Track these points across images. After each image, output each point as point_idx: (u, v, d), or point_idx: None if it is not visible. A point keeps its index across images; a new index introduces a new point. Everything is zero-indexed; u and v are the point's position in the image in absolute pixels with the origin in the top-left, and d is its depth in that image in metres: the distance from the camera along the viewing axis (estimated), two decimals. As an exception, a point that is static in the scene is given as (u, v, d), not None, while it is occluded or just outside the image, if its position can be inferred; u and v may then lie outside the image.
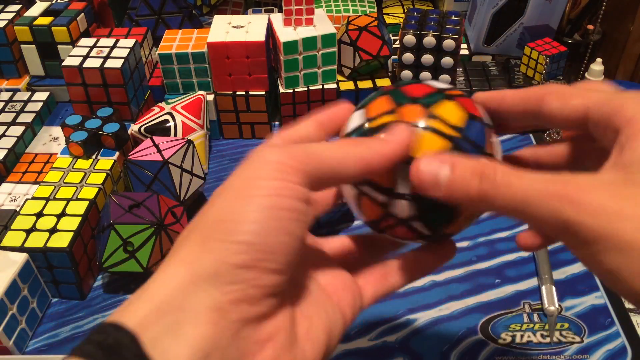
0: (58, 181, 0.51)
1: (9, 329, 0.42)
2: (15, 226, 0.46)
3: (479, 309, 0.46)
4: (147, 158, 0.50)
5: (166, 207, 0.48)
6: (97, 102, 0.60)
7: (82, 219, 0.47)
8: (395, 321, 0.46)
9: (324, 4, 0.80)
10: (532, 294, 0.47)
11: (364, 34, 0.63)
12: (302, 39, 0.60)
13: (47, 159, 0.57)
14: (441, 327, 0.45)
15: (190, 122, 0.58)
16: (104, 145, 0.55)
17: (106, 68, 0.58)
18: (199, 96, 0.61)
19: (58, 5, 0.70)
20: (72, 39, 0.65)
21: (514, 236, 0.52)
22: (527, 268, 0.49)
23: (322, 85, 0.64)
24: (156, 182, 0.50)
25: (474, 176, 0.23)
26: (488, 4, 0.75)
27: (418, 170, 0.24)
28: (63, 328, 0.46)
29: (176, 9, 0.73)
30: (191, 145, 0.52)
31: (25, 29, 0.65)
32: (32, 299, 0.45)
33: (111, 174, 0.52)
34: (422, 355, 0.43)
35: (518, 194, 0.22)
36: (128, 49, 0.60)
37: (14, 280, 0.43)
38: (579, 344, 0.43)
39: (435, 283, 0.48)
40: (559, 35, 0.78)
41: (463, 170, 0.23)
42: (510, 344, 0.44)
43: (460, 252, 0.51)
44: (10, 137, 0.58)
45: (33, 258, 0.45)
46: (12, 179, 0.55)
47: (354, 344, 0.44)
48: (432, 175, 0.23)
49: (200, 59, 0.62)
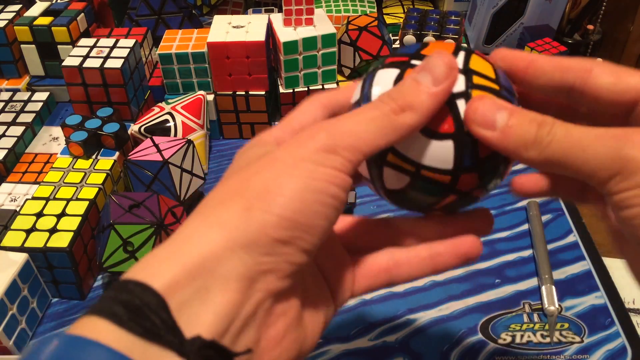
0: (58, 181, 0.51)
1: (9, 329, 0.42)
2: (15, 226, 0.46)
3: (479, 309, 0.46)
4: (147, 158, 0.50)
5: (166, 207, 0.48)
6: (97, 102, 0.60)
7: (82, 219, 0.47)
8: (395, 321, 0.46)
9: (324, 4, 0.80)
10: (532, 294, 0.47)
11: (364, 34, 0.63)
12: (302, 39, 0.60)
13: (47, 159, 0.57)
14: (441, 327, 0.45)
15: (190, 122, 0.58)
16: (104, 145, 0.55)
17: (106, 68, 0.58)
18: (199, 96, 0.61)
19: (58, 5, 0.70)
20: (72, 39, 0.65)
21: (514, 236, 0.52)
22: (527, 268, 0.49)
23: (322, 85, 0.64)
24: (156, 182, 0.50)
25: (532, 123, 0.23)
26: (488, 4, 0.75)
27: (475, 110, 0.23)
28: (63, 328, 0.46)
29: (176, 9, 0.73)
30: (191, 145, 0.52)
31: (25, 29, 0.65)
32: (32, 299, 0.45)
33: (111, 174, 0.52)
34: (422, 355, 0.43)
35: (576, 138, 0.22)
36: (128, 49, 0.60)
37: (14, 280, 0.43)
38: (579, 344, 0.43)
39: (435, 283, 0.48)
40: (559, 35, 0.78)
41: (522, 117, 0.23)
42: (510, 344, 0.44)
43: (460, 252, 0.51)
44: (10, 137, 0.58)
45: (33, 258, 0.45)
46: (12, 179, 0.55)
47: (354, 344, 0.44)
48: (489, 117, 0.23)
49: (200, 59, 0.62)
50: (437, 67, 0.23)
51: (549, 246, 0.50)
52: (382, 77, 0.25)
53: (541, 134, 0.22)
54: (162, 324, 0.19)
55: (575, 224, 0.53)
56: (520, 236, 0.53)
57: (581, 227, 0.53)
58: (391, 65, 0.26)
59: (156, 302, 0.19)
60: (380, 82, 0.25)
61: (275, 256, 0.22)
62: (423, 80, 0.23)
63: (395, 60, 0.26)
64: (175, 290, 0.20)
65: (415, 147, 0.24)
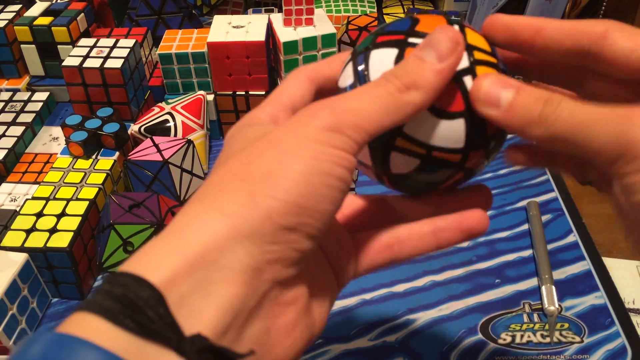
0: (58, 181, 0.51)
1: (9, 329, 0.42)
2: (15, 226, 0.46)
3: (479, 309, 0.46)
4: (147, 158, 0.50)
5: (166, 207, 0.48)
6: (97, 102, 0.60)
7: (82, 219, 0.47)
8: (395, 321, 0.46)
9: (324, 4, 0.80)
10: (532, 294, 0.47)
11: (364, 34, 0.63)
12: (302, 39, 0.60)
13: (47, 159, 0.57)
14: (441, 327, 0.45)
15: (190, 122, 0.58)
16: (104, 145, 0.55)
17: (106, 68, 0.58)
18: (199, 96, 0.61)
19: (58, 5, 0.70)
20: (72, 39, 0.65)
21: (514, 236, 0.52)
22: (527, 268, 0.49)
23: (322, 85, 0.64)
24: (156, 182, 0.50)
25: (538, 101, 0.22)
26: (488, 4, 0.75)
27: (479, 88, 0.23)
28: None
29: (176, 9, 0.73)
30: (191, 145, 0.52)
31: (25, 29, 0.65)
32: (32, 299, 0.45)
33: (111, 174, 0.52)
34: (422, 355, 0.43)
35: (582, 117, 0.21)
36: (128, 49, 0.60)
37: (14, 280, 0.43)
38: (579, 344, 0.43)
39: (435, 283, 0.48)
40: (559, 35, 0.78)
41: (527, 95, 0.22)
42: (510, 344, 0.44)
43: (460, 252, 0.51)
44: (10, 137, 0.58)
45: (33, 258, 0.45)
46: (12, 179, 0.55)
47: (354, 344, 0.44)
48: (494, 96, 0.23)
49: (200, 59, 0.62)
50: (441, 43, 0.23)
51: (549, 246, 0.50)
52: (379, 57, 0.24)
53: (546, 112, 0.22)
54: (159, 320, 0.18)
55: (575, 224, 0.53)
56: (520, 236, 0.53)
57: (581, 227, 0.53)
58: (386, 44, 0.24)
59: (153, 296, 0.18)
60: (378, 62, 0.24)
61: (281, 244, 0.20)
62: (427, 57, 0.22)
63: (390, 39, 0.25)
64: (175, 284, 0.18)
65: (426, 128, 0.24)
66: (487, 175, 0.59)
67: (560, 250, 0.51)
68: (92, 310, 0.18)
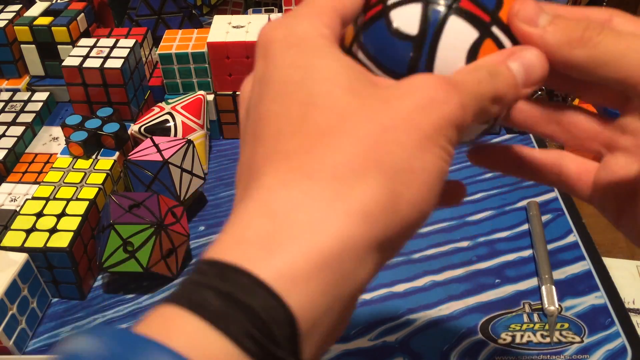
0: (58, 181, 0.51)
1: (9, 329, 0.42)
2: (15, 226, 0.46)
3: (479, 309, 0.46)
4: (147, 158, 0.50)
5: (166, 207, 0.48)
6: (97, 102, 0.60)
7: (82, 219, 0.47)
8: (395, 321, 0.46)
9: (324, 4, 0.80)
10: (532, 294, 0.47)
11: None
12: (302, 39, 0.60)
13: (47, 159, 0.57)
14: (441, 327, 0.45)
15: (190, 122, 0.58)
16: (104, 145, 0.55)
17: (106, 68, 0.58)
18: (199, 96, 0.61)
19: (58, 5, 0.70)
20: (72, 39, 0.65)
21: (514, 236, 0.52)
22: (527, 268, 0.49)
23: (322, 85, 0.64)
24: (156, 182, 0.50)
25: (579, 24, 0.21)
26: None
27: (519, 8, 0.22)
28: (63, 328, 0.46)
29: (176, 9, 0.73)
30: (191, 145, 0.52)
31: (25, 29, 0.65)
32: (32, 299, 0.45)
33: (111, 174, 0.52)
34: (422, 355, 0.43)
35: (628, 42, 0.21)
36: (128, 49, 0.60)
37: (14, 280, 0.43)
38: (579, 344, 0.43)
39: (435, 283, 0.48)
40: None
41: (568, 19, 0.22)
42: (510, 344, 0.44)
43: (460, 252, 0.51)
44: (10, 137, 0.58)
45: (33, 258, 0.45)
46: (12, 179, 0.55)
47: (354, 344, 0.44)
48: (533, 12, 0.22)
49: (200, 59, 0.62)
50: (535, 70, 0.22)
51: (549, 246, 0.50)
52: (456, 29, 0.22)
53: (589, 34, 0.21)
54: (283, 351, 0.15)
55: (575, 224, 0.53)
56: (520, 236, 0.53)
57: (581, 227, 0.53)
58: (469, 18, 0.22)
59: (286, 322, 0.15)
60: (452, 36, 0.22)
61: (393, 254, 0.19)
62: (518, 76, 0.22)
63: (474, 14, 0.22)
64: (307, 307, 0.16)
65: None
66: (487, 175, 0.59)
67: (560, 250, 0.51)
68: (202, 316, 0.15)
